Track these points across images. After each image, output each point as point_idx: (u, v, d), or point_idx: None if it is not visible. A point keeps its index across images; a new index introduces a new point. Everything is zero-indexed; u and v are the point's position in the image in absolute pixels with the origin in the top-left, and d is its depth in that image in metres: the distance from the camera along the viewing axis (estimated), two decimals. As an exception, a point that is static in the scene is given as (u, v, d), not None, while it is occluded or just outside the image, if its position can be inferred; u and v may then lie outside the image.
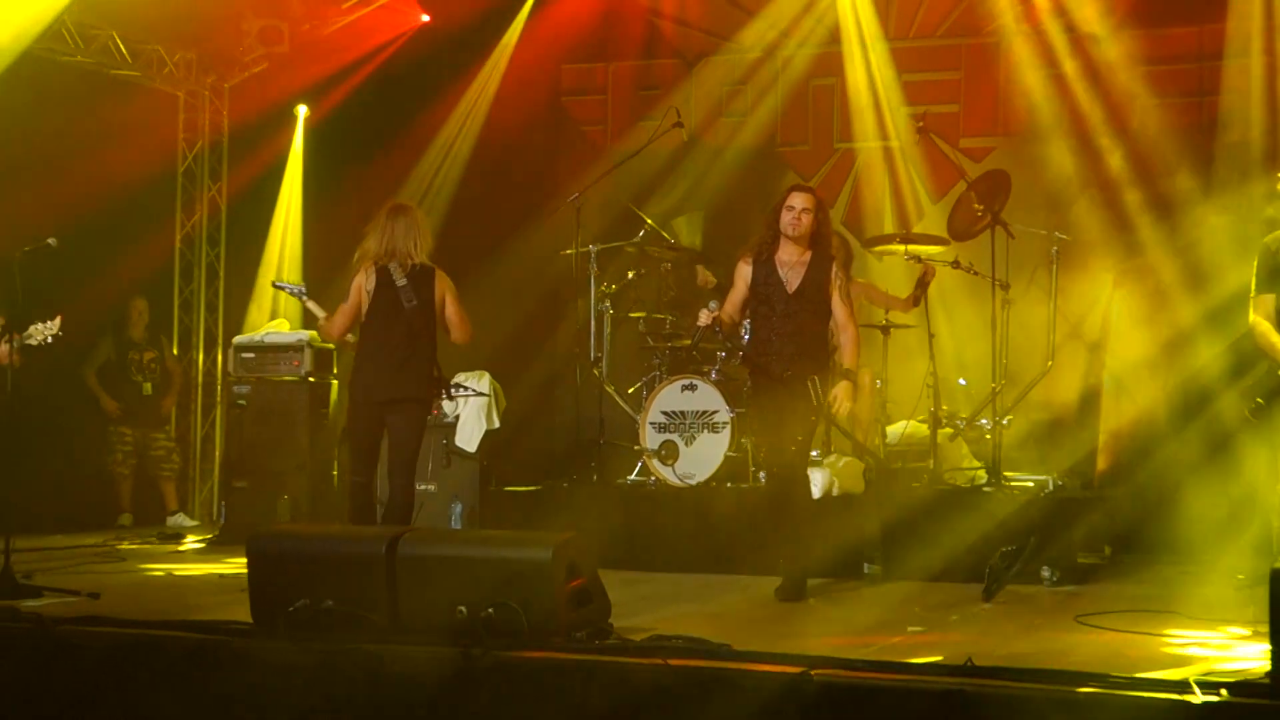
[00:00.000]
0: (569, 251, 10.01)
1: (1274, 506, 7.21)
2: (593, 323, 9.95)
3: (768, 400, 7.84)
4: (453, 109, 12.00)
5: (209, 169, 12.97)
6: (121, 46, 11.27)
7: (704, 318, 7.71)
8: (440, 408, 9.74)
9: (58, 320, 8.11)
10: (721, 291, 8.50)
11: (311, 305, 8.34)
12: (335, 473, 10.95)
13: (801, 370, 7.59)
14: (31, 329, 8.10)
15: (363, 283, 7.92)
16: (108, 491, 11.65)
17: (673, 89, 11.94)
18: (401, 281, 7.84)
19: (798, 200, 7.68)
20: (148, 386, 11.76)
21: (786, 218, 7.64)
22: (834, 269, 7.77)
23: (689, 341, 9.47)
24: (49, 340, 8.14)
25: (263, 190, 12.57)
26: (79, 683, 5.85)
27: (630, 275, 10.04)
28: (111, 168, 11.07)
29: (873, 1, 10.87)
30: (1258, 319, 7.22)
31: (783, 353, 7.66)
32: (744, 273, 7.80)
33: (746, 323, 8.01)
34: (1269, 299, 7.24)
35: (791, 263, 7.70)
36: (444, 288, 8.02)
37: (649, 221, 9.96)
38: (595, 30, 11.82)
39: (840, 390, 7.67)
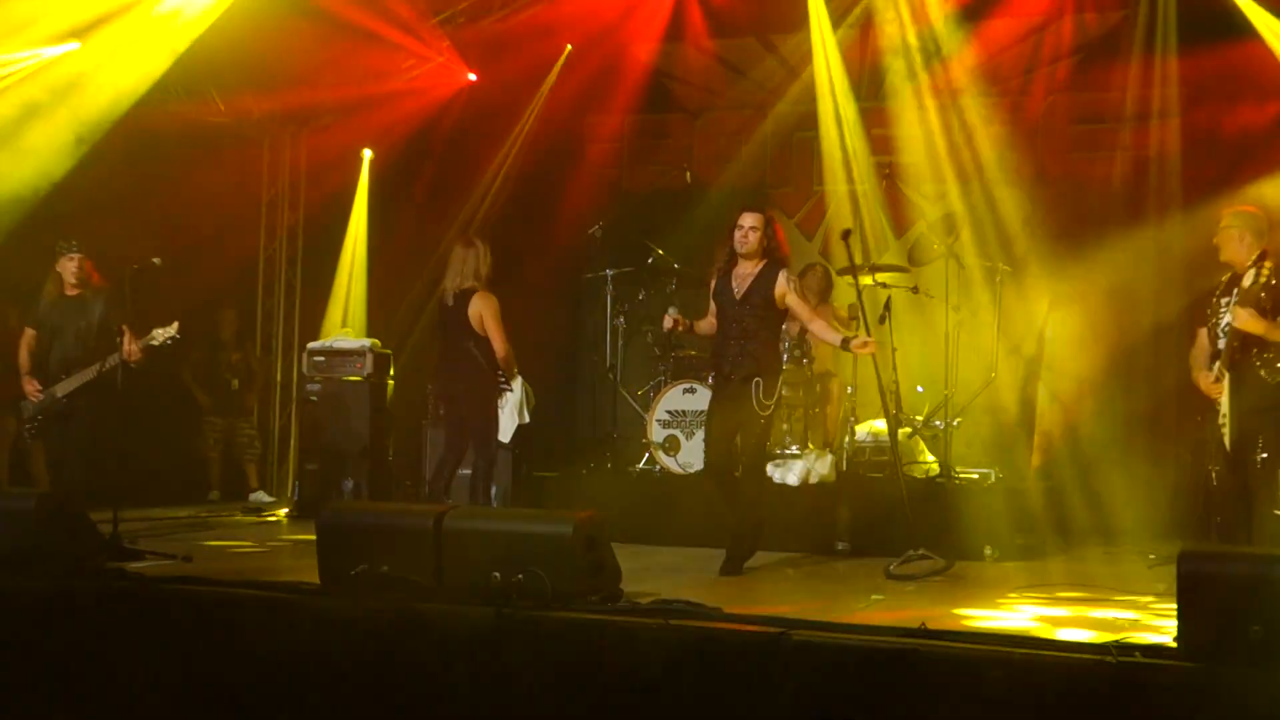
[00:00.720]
0: (589, 275, 10.06)
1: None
2: (608, 335, 10.03)
3: (716, 399, 7.63)
4: (494, 152, 12.04)
5: (288, 201, 13.00)
6: (218, 99, 11.30)
7: (667, 322, 7.64)
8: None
9: (175, 325, 8.31)
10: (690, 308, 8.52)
11: None
12: (390, 457, 11.01)
13: (747, 372, 7.29)
14: (154, 331, 8.30)
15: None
16: (199, 471, 11.72)
17: (679, 138, 11.96)
18: (450, 303, 8.31)
19: (746, 220, 7.39)
20: (235, 383, 11.86)
21: (736, 236, 7.36)
22: (783, 276, 7.35)
23: (693, 352, 9.52)
24: (169, 342, 8.35)
25: (334, 219, 12.60)
26: (174, 633, 5.86)
27: (640, 296, 10.07)
28: (208, 199, 11.14)
29: (844, 68, 10.85)
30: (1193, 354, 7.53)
31: (729, 354, 7.39)
32: (711, 287, 7.62)
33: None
34: (1201, 334, 7.48)
35: (744, 275, 7.38)
36: (480, 308, 8.26)
37: (658, 251, 9.96)
38: (613, 87, 11.82)
39: (855, 344, 7.41)
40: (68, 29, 9.63)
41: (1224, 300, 7.20)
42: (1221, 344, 7.14)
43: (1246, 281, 7.01)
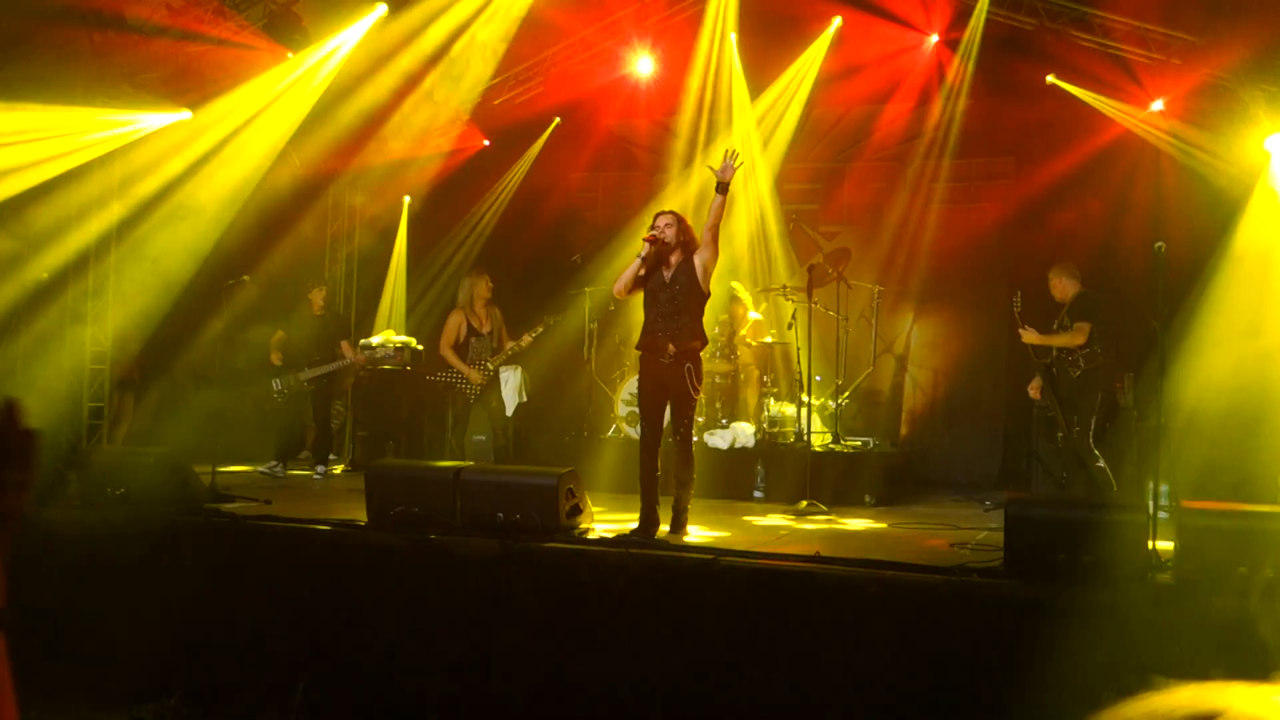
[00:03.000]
0: (573, 291, 10.02)
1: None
2: (585, 336, 9.99)
3: (647, 373, 6.38)
4: (499, 198, 12.08)
5: (346, 235, 12.90)
6: (295, 158, 11.17)
7: (646, 250, 6.25)
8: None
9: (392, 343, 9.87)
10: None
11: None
12: (421, 427, 10.96)
13: (679, 346, 6.21)
14: (377, 347, 9.88)
15: None
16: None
17: (642, 190, 11.83)
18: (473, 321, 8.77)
19: (661, 219, 6.35)
20: None
21: (657, 230, 6.30)
22: (698, 258, 6.28)
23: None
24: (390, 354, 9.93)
25: (381, 248, 12.57)
26: (257, 558, 5.83)
27: (611, 307, 10.04)
28: (288, 231, 11.04)
29: (760, 137, 10.79)
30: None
31: (660, 329, 6.27)
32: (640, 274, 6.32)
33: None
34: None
35: (669, 264, 6.30)
36: (495, 323, 8.83)
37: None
38: (592, 152, 11.78)
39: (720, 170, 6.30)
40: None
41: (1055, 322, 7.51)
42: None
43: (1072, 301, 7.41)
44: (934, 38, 9.84)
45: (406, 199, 12.43)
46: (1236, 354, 7.14)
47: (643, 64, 10.87)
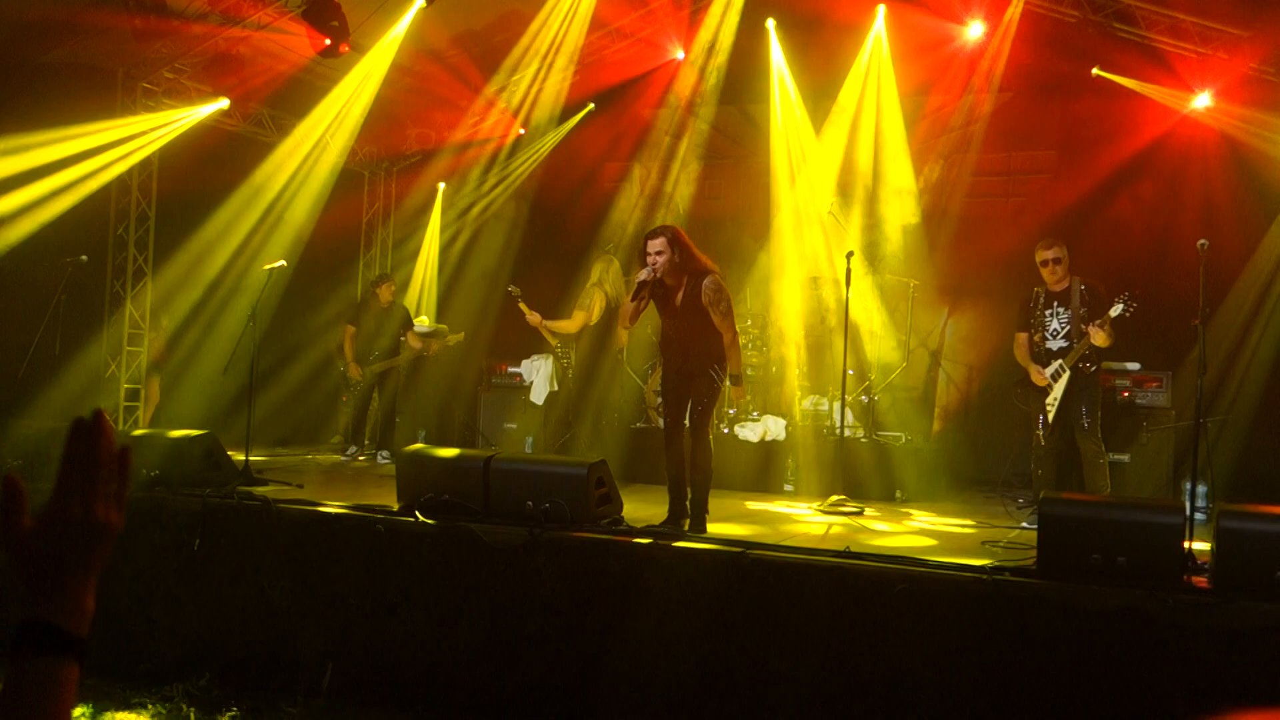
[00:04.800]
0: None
1: (1037, 457, 7.19)
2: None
3: (670, 388, 6.21)
4: (529, 185, 12.11)
5: (381, 220, 12.98)
6: (332, 144, 11.25)
7: (645, 274, 5.94)
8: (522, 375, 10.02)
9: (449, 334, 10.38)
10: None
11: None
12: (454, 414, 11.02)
13: (695, 368, 6.01)
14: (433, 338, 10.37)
15: None
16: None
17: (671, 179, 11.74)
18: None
19: (652, 245, 5.94)
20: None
21: (648, 261, 5.93)
22: (707, 288, 5.92)
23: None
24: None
25: (415, 234, 12.64)
26: (290, 541, 5.87)
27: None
28: (328, 218, 11.12)
29: (799, 136, 10.72)
30: (1017, 349, 7.26)
31: (676, 354, 6.14)
32: (639, 294, 6.01)
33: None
34: (1022, 337, 7.24)
35: (675, 290, 6.03)
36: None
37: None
38: (623, 139, 11.76)
39: (734, 394, 6.38)
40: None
41: (1047, 312, 7.08)
42: (1053, 345, 7.03)
43: (1073, 299, 6.97)
44: (974, 28, 9.72)
45: (441, 185, 12.48)
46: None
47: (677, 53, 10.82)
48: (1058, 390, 6.97)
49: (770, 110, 10.59)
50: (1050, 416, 7.00)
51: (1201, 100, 8.86)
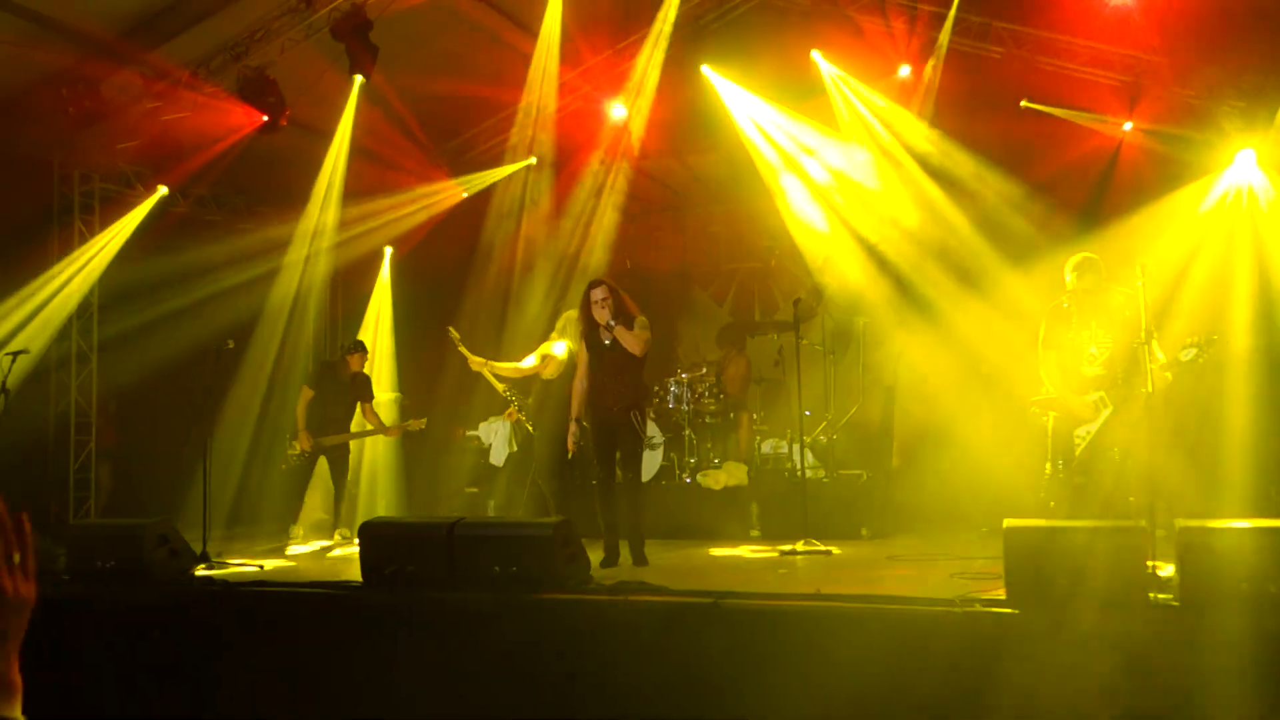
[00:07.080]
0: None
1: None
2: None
3: (598, 428, 6.85)
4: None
5: (329, 293, 12.89)
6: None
7: (609, 319, 6.65)
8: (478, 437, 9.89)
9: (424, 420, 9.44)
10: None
11: None
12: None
13: (625, 404, 6.69)
14: (409, 422, 9.52)
15: None
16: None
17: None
18: None
19: (596, 294, 6.67)
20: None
21: (593, 309, 6.68)
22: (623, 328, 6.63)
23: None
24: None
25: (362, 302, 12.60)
26: (250, 624, 5.76)
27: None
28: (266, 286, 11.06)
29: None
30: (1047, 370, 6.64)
31: (607, 389, 6.73)
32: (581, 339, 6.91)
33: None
34: (1050, 356, 6.63)
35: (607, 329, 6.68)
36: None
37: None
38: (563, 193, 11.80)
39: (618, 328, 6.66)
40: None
41: (1085, 333, 6.56)
42: (1096, 370, 6.52)
43: (1124, 309, 6.29)
44: (905, 69, 9.93)
45: (388, 249, 12.43)
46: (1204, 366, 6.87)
47: (616, 110, 10.92)
48: (1101, 419, 6.51)
49: (747, 148, 10.63)
50: (1078, 449, 6.53)
51: (1127, 126, 9.14)
